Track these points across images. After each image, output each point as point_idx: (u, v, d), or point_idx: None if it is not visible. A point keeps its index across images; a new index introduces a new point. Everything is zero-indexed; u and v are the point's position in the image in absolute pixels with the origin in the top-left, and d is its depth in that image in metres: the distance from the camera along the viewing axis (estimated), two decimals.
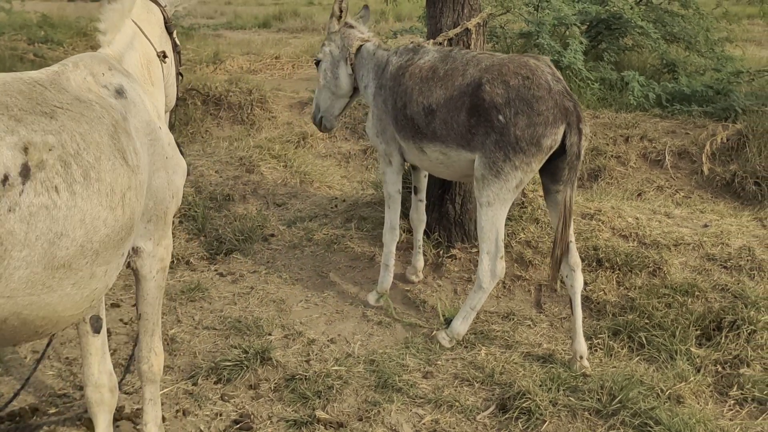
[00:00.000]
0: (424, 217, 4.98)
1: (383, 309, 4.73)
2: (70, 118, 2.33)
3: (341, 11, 4.85)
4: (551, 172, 4.06)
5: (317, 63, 4.97)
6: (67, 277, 2.26)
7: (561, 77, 4.01)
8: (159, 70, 3.24)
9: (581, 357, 4.03)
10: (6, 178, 2.06)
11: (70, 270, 2.25)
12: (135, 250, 2.85)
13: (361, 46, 4.76)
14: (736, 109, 7.86)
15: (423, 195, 4.95)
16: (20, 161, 2.10)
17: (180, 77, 3.58)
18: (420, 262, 5.07)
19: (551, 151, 3.91)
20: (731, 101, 8.01)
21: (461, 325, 4.25)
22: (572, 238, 4.15)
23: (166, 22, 3.37)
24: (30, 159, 2.11)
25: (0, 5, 14.82)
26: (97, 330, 3.01)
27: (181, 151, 3.13)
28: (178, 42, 3.49)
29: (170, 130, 3.19)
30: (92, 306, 2.52)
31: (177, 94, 3.58)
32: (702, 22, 10.28)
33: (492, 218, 4.04)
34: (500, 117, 3.88)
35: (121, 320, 4.61)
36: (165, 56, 3.27)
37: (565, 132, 3.86)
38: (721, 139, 7.34)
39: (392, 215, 4.82)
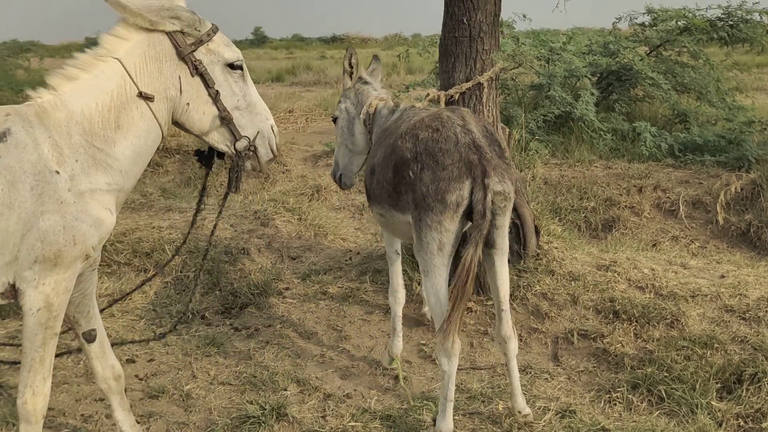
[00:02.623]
0: None
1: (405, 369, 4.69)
2: None
3: (352, 67, 4.84)
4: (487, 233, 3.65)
5: (334, 120, 4.94)
6: None
7: (475, 129, 3.69)
8: (135, 112, 3.18)
9: (519, 412, 3.96)
10: None
11: None
12: (14, 285, 3.00)
13: (377, 104, 4.70)
14: (749, 158, 7.88)
15: None
16: None
17: (222, 116, 3.37)
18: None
19: (460, 209, 3.56)
20: (744, 151, 8.03)
21: (442, 422, 3.76)
22: (506, 306, 3.88)
23: (178, 48, 3.25)
24: None
25: (18, 62, 15.13)
26: (90, 340, 3.50)
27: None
28: (201, 64, 3.30)
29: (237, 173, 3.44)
30: None
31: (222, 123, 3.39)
32: (712, 73, 10.36)
33: (432, 288, 3.69)
34: (410, 173, 3.68)
35: (136, 376, 4.60)
36: (148, 97, 3.19)
37: (471, 188, 3.55)
38: (735, 188, 7.33)
39: (393, 277, 4.71)
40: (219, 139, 3.44)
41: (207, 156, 3.64)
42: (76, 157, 3.01)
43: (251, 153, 3.48)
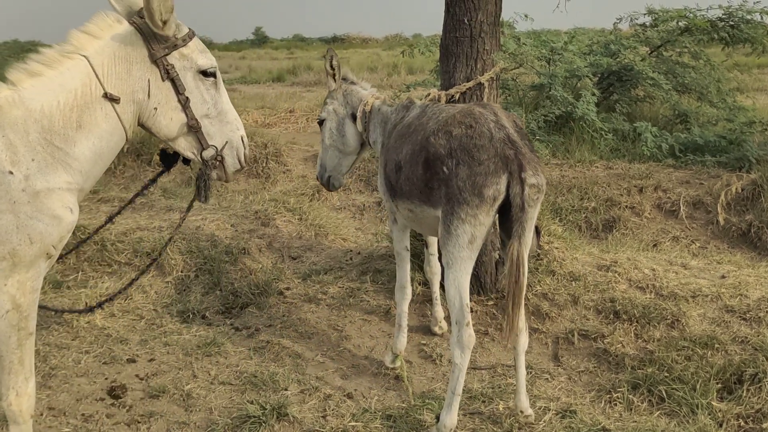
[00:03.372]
0: (438, 269, 4.96)
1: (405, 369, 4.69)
2: None
3: (333, 69, 4.85)
4: (505, 227, 3.79)
5: (321, 122, 4.94)
6: None
7: (507, 125, 3.78)
8: (99, 113, 3.11)
9: (521, 412, 4.00)
10: None
11: None
12: None
13: (374, 102, 4.75)
14: (749, 159, 7.89)
15: (434, 248, 4.91)
16: None
17: (191, 122, 3.31)
18: (440, 312, 5.05)
19: (496, 203, 3.65)
20: (744, 151, 8.04)
21: (447, 416, 3.81)
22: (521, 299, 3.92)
23: (150, 51, 3.18)
24: None
25: (19, 63, 15.15)
26: None
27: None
28: (174, 69, 3.24)
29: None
30: None
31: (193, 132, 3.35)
32: (713, 73, 10.38)
33: (454, 281, 3.75)
34: (444, 168, 3.73)
35: (137, 375, 4.60)
36: (113, 99, 3.12)
37: (508, 182, 3.64)
38: (736, 189, 7.34)
39: (401, 273, 4.73)
40: (185, 146, 3.38)
41: (170, 157, 3.59)
42: (32, 155, 2.94)
43: (218, 162, 3.41)
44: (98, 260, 5.98)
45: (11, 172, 2.89)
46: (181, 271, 5.96)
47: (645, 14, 10.99)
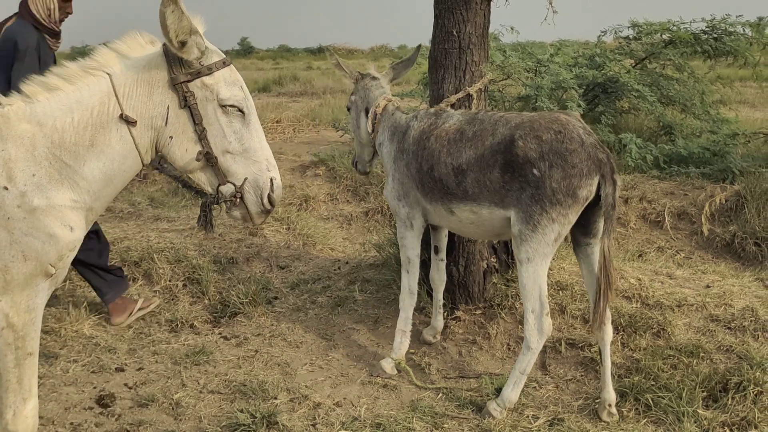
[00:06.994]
0: (445, 277, 5.02)
1: (394, 377, 4.71)
2: None
3: (343, 69, 5.05)
4: (583, 225, 4.10)
5: (348, 109, 5.20)
6: None
7: (591, 131, 4.06)
8: (113, 134, 3.01)
9: (610, 405, 4.13)
10: None
11: None
12: None
13: (386, 104, 4.88)
14: (733, 170, 7.98)
15: (444, 254, 5.00)
16: None
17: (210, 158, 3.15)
18: (440, 322, 5.09)
19: (587, 202, 3.95)
20: (728, 163, 8.12)
21: (512, 392, 4.18)
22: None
23: (171, 75, 3.05)
24: None
25: None
26: None
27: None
28: (193, 97, 3.10)
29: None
30: None
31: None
32: (697, 86, 10.48)
33: (533, 275, 4.02)
34: (535, 171, 3.90)
35: (125, 384, 4.59)
36: (129, 121, 3.00)
37: (599, 183, 3.90)
38: (720, 200, 7.42)
39: (411, 280, 4.80)
40: (203, 180, 3.23)
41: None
42: (34, 170, 2.85)
43: (238, 201, 3.23)
44: None
45: (6, 188, 2.81)
46: (169, 281, 5.96)
47: (629, 27, 11.10)
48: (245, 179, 3.21)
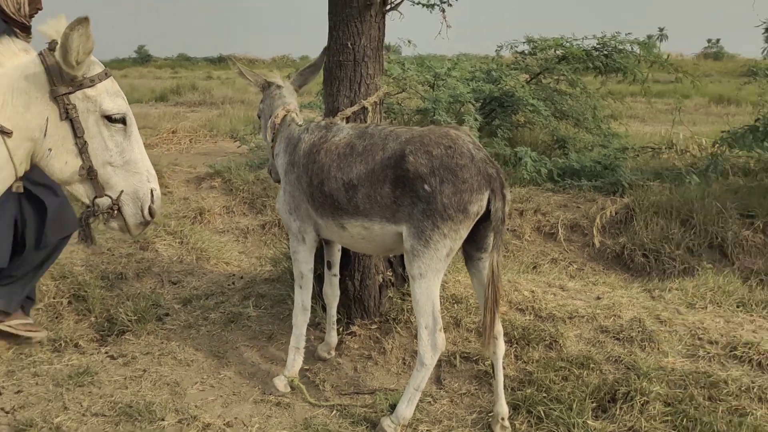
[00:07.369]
0: (338, 292, 4.95)
1: (287, 395, 4.61)
2: None
3: (243, 75, 4.91)
4: (474, 239, 4.08)
5: (259, 117, 5.06)
6: None
7: (481, 146, 4.06)
8: None
9: (503, 418, 4.13)
10: None
11: None
12: None
13: (285, 115, 4.76)
14: (623, 183, 8.24)
15: (337, 270, 4.93)
16: None
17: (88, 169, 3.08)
18: (334, 338, 5.01)
19: (477, 217, 3.92)
20: (618, 176, 8.39)
21: (407, 409, 4.12)
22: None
23: (52, 87, 2.95)
24: None
25: None
26: None
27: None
28: (75, 109, 3.00)
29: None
30: None
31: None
32: (589, 101, 10.81)
33: (426, 290, 3.98)
34: (426, 186, 3.86)
35: (2, 409, 4.34)
36: (4, 132, 2.87)
37: (489, 198, 3.89)
38: (610, 212, 7.63)
39: (304, 295, 4.69)
40: (80, 192, 3.15)
41: None
42: None
43: (115, 213, 3.21)
44: None
45: None
46: (53, 298, 5.69)
47: (524, 42, 11.36)
48: (121, 191, 3.17)
